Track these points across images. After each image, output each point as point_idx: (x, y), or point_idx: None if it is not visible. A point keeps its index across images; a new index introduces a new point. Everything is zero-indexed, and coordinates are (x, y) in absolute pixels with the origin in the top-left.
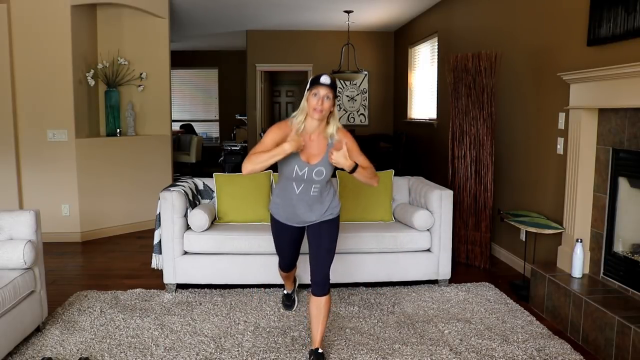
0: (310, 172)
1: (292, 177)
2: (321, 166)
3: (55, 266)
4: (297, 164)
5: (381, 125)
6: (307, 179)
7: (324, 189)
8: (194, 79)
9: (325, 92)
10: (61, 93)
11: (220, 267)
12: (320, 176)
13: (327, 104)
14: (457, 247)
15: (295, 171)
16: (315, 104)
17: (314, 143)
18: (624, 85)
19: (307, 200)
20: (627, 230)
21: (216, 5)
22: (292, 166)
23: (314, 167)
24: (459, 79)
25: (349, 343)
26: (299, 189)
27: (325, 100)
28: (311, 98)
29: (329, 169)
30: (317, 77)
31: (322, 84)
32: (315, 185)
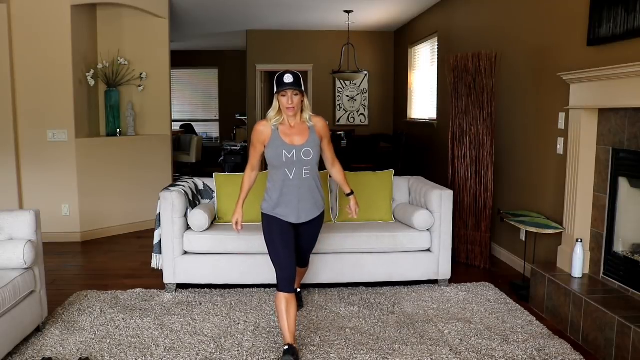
0: (299, 152)
1: (283, 162)
2: (307, 147)
3: (55, 266)
4: (284, 148)
5: (381, 125)
6: (297, 161)
7: (314, 173)
8: (194, 79)
9: (292, 92)
10: (61, 93)
11: (220, 267)
12: (308, 156)
13: (296, 99)
14: (457, 247)
15: (284, 155)
16: (286, 103)
17: (295, 129)
18: (624, 85)
19: (303, 186)
20: (627, 230)
21: (216, 5)
22: (280, 151)
23: (301, 148)
24: (459, 79)
25: (349, 343)
26: (292, 173)
27: (294, 97)
28: (281, 99)
29: (315, 150)
30: (280, 78)
31: (287, 84)
32: (306, 167)
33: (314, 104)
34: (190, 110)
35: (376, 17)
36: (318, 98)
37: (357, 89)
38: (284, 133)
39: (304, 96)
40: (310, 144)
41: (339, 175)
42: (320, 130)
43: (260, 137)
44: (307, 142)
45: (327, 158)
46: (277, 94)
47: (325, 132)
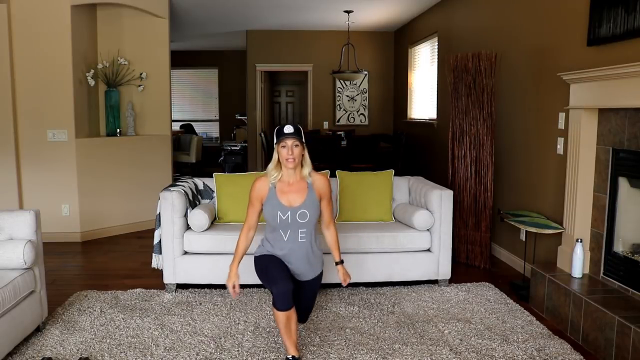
0: (294, 215)
1: (277, 223)
2: (304, 208)
3: (55, 266)
4: (279, 209)
5: (381, 125)
6: (291, 223)
7: (311, 236)
8: (194, 79)
9: (292, 141)
10: (61, 93)
11: (220, 267)
12: (304, 219)
13: (297, 151)
14: (457, 247)
15: (278, 217)
16: (286, 155)
17: (293, 187)
18: (624, 85)
19: (297, 250)
20: (627, 230)
21: (216, 5)
22: (275, 212)
23: (297, 210)
24: (459, 79)
25: (349, 343)
26: (286, 235)
27: (294, 148)
28: (281, 150)
29: (312, 211)
30: (280, 129)
31: (287, 134)
32: (301, 229)
33: (314, 104)
34: (190, 110)
35: (376, 17)
36: (318, 98)
37: (357, 89)
38: (281, 191)
39: (304, 149)
40: (307, 205)
41: (332, 240)
42: (320, 188)
43: (258, 194)
44: (304, 202)
45: (323, 218)
46: (277, 144)
47: (325, 191)
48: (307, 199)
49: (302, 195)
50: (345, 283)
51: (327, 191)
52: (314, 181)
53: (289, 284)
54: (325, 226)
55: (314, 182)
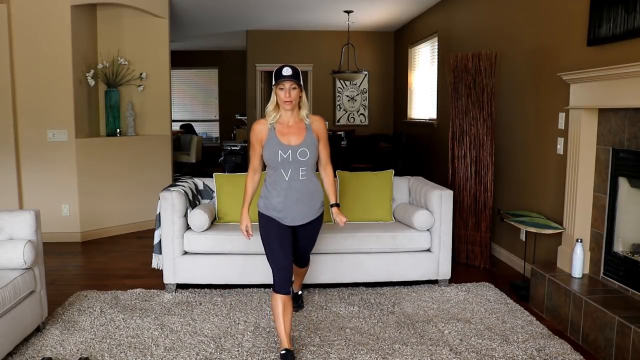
0: (295, 153)
1: (279, 162)
2: (304, 147)
3: (55, 266)
4: (280, 148)
5: (381, 125)
6: (292, 161)
7: (312, 174)
8: (194, 79)
9: (290, 84)
10: (61, 93)
11: (220, 267)
12: (304, 156)
13: (294, 93)
14: (457, 247)
15: (279, 155)
16: (284, 97)
17: (292, 128)
18: (624, 85)
19: (299, 188)
20: (627, 230)
21: (216, 5)
22: (276, 151)
23: (297, 148)
24: (459, 79)
25: (349, 343)
26: (287, 174)
27: (292, 90)
28: (279, 92)
29: (312, 150)
30: (279, 71)
31: (285, 76)
32: (302, 168)
33: (314, 104)
34: (191, 110)
35: (376, 17)
36: (318, 98)
37: (357, 89)
38: (280, 132)
39: (302, 91)
40: (307, 144)
41: (328, 181)
42: (318, 129)
43: (258, 136)
44: (303, 141)
45: (320, 159)
46: (275, 86)
47: (323, 131)
48: (307, 138)
49: (302, 135)
50: (342, 223)
51: (324, 132)
52: (311, 122)
53: (290, 269)
54: (323, 166)
55: (312, 123)
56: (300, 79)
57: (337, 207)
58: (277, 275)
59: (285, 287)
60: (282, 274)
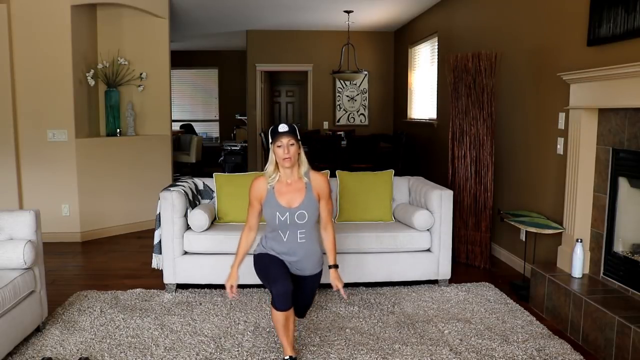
0: (292, 216)
1: (276, 224)
2: (302, 209)
3: (55, 266)
4: (278, 210)
5: (381, 125)
6: (290, 224)
7: (311, 235)
8: (194, 79)
9: (287, 140)
10: (61, 93)
11: (220, 267)
12: (302, 219)
13: (292, 150)
14: (457, 247)
15: (277, 218)
16: (282, 154)
17: (291, 187)
18: (624, 85)
19: (297, 251)
20: (627, 230)
21: (216, 5)
22: (274, 213)
23: (295, 211)
24: (459, 79)
25: (349, 343)
26: (285, 236)
27: (290, 146)
28: (277, 150)
29: (311, 211)
30: (275, 129)
31: (282, 132)
32: (300, 230)
33: (314, 104)
34: (191, 110)
35: (376, 17)
36: (318, 98)
37: (357, 89)
38: (279, 192)
39: (300, 147)
40: (306, 206)
41: (328, 242)
42: (319, 188)
43: (256, 194)
44: (302, 203)
45: (321, 218)
46: (272, 144)
47: (324, 190)
48: (306, 199)
49: (301, 195)
50: (336, 288)
51: (326, 191)
52: (312, 180)
53: (289, 285)
54: (323, 227)
55: (313, 182)
56: (297, 135)
57: (336, 269)
58: (275, 290)
59: (285, 302)
60: (281, 287)
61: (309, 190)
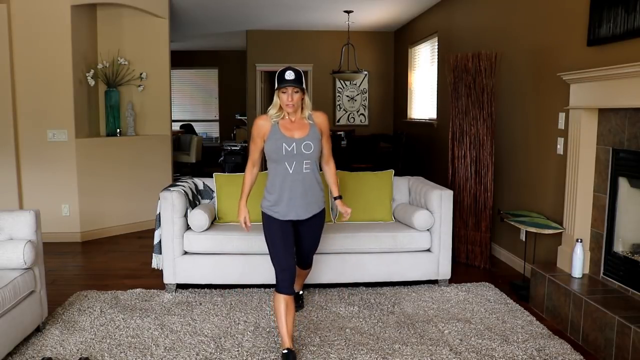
0: (299, 146)
1: (283, 155)
2: (308, 140)
3: (55, 266)
4: (284, 141)
5: (381, 125)
6: (297, 154)
7: (315, 168)
8: (194, 79)
9: (292, 89)
10: (61, 93)
11: (220, 267)
12: (309, 150)
13: (296, 97)
14: (457, 247)
15: (284, 148)
16: (286, 100)
17: (295, 124)
18: (624, 85)
19: (303, 181)
20: (627, 230)
21: (216, 5)
22: (280, 144)
23: (302, 141)
24: (459, 79)
25: (349, 343)
26: (291, 167)
27: (294, 94)
28: (281, 95)
29: (316, 143)
30: (281, 74)
31: (288, 80)
32: (306, 161)
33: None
34: (191, 110)
35: (376, 17)
36: (318, 98)
37: (357, 89)
38: (284, 127)
39: (304, 94)
40: (311, 138)
41: (331, 175)
42: (321, 124)
43: (260, 130)
44: (307, 135)
45: (323, 153)
46: (277, 90)
47: (325, 126)
48: (310, 133)
49: (305, 129)
50: (347, 214)
51: (326, 127)
52: (314, 118)
53: (293, 269)
54: (325, 161)
55: (315, 119)
56: (303, 82)
57: (341, 199)
58: (280, 274)
59: (288, 287)
60: (286, 274)
61: (313, 126)
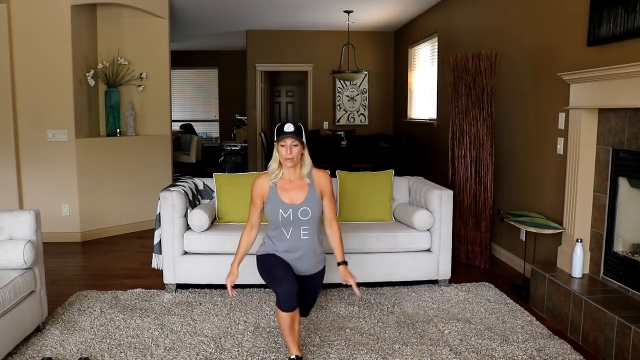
0: (295, 212)
1: (279, 221)
2: (305, 206)
3: (55, 266)
4: (281, 207)
5: (381, 125)
6: (293, 221)
7: (314, 232)
8: (194, 79)
9: (291, 141)
10: (61, 93)
11: (220, 267)
12: (306, 216)
13: (295, 150)
14: (457, 247)
15: (280, 214)
16: (285, 154)
17: (294, 185)
18: (624, 85)
19: (300, 248)
20: (627, 230)
21: (216, 5)
22: (277, 210)
23: (299, 207)
24: (459, 79)
25: (349, 343)
26: (289, 233)
27: (293, 147)
28: (280, 149)
29: (314, 208)
30: (280, 127)
31: (287, 133)
32: (304, 227)
33: (314, 104)
34: (191, 110)
35: (376, 17)
36: (318, 98)
37: (357, 89)
38: (282, 189)
39: (304, 148)
40: (309, 203)
41: (335, 239)
42: (321, 185)
43: (259, 191)
44: (305, 200)
45: (325, 216)
46: (276, 142)
47: (326, 187)
48: (309, 196)
49: (304, 192)
50: (347, 283)
51: (328, 187)
52: (314, 178)
53: (294, 285)
54: (328, 224)
55: (315, 179)
56: (303, 135)
57: (345, 265)
58: (280, 291)
59: (291, 303)
60: (287, 289)
61: (312, 188)
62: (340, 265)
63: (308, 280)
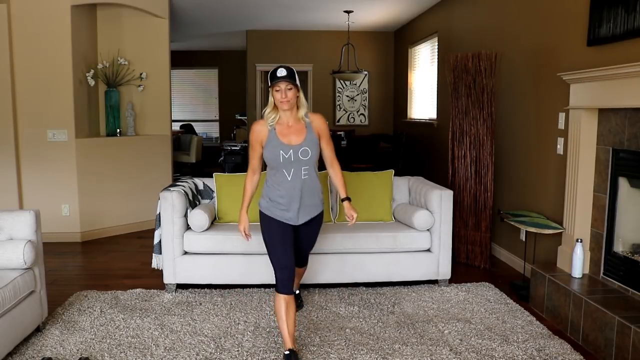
0: (296, 152)
1: (280, 162)
2: (305, 146)
3: (55, 266)
4: (281, 149)
5: (381, 125)
6: (294, 161)
7: (314, 172)
8: (194, 79)
9: (285, 84)
10: (61, 93)
11: (220, 267)
12: (306, 156)
13: (290, 94)
14: (457, 247)
15: (281, 155)
16: (280, 98)
17: (292, 128)
18: (624, 85)
19: (302, 188)
20: (627, 230)
21: (216, 5)
22: (277, 151)
23: (299, 147)
24: (459, 79)
25: (349, 343)
26: (290, 174)
27: (288, 91)
28: (275, 94)
29: (313, 149)
30: (274, 72)
31: (280, 77)
32: (304, 167)
33: (314, 104)
34: (191, 110)
35: (376, 17)
36: (318, 98)
37: (357, 89)
38: (280, 133)
39: (298, 91)
40: (308, 143)
41: (337, 178)
42: (318, 127)
43: (258, 137)
44: (304, 141)
45: (325, 157)
46: (271, 88)
47: (323, 129)
48: (307, 138)
49: (302, 134)
50: (352, 219)
51: (325, 129)
52: (311, 121)
53: (291, 265)
54: (329, 164)
55: (312, 122)
56: (296, 78)
57: (349, 201)
58: (279, 274)
59: (287, 286)
60: (285, 273)
61: (310, 130)
62: (345, 201)
63: (308, 226)
